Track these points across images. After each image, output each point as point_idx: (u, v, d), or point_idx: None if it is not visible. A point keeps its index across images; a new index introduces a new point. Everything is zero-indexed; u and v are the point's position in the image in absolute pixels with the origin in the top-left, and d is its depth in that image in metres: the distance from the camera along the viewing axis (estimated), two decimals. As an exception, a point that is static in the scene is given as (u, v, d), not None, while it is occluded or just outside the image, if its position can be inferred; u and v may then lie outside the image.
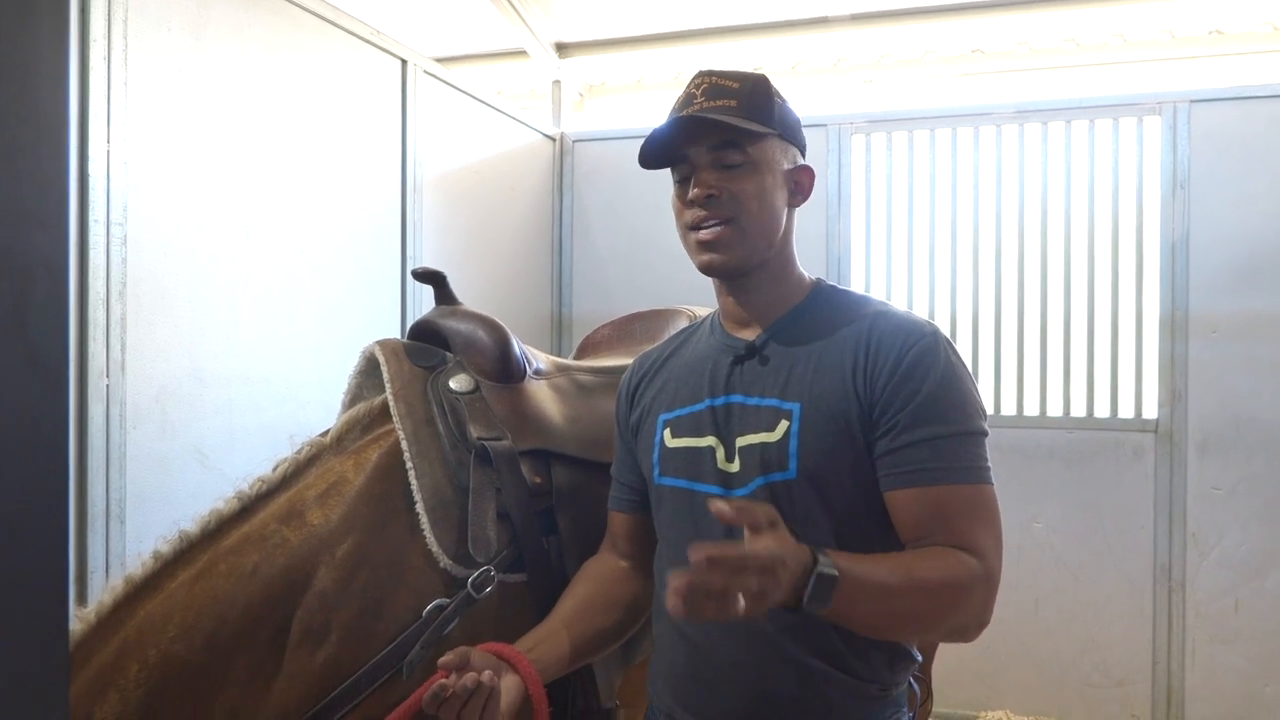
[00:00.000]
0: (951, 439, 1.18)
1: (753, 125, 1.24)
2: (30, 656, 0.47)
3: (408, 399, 1.47)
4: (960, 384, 1.22)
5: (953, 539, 1.16)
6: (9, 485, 0.45)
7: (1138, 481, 3.24)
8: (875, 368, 1.21)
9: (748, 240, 1.26)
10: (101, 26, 1.84)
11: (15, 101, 0.46)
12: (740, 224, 1.25)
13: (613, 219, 3.83)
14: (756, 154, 1.26)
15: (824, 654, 1.21)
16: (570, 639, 1.32)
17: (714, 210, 1.25)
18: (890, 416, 1.19)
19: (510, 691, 1.20)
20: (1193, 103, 3.21)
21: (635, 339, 1.96)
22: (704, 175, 1.25)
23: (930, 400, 1.19)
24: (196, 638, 1.21)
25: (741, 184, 1.25)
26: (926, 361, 1.20)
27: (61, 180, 0.49)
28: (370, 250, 2.67)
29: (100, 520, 1.84)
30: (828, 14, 3.71)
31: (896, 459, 1.19)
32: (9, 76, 0.46)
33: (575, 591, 1.41)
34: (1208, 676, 3.18)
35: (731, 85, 1.26)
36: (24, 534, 0.46)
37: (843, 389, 1.22)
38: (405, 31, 3.38)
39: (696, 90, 1.26)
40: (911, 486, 1.18)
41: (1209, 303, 3.17)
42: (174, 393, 2.00)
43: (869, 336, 1.24)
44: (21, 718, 0.45)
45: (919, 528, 1.18)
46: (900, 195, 3.53)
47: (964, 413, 1.20)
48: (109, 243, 1.85)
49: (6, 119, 0.45)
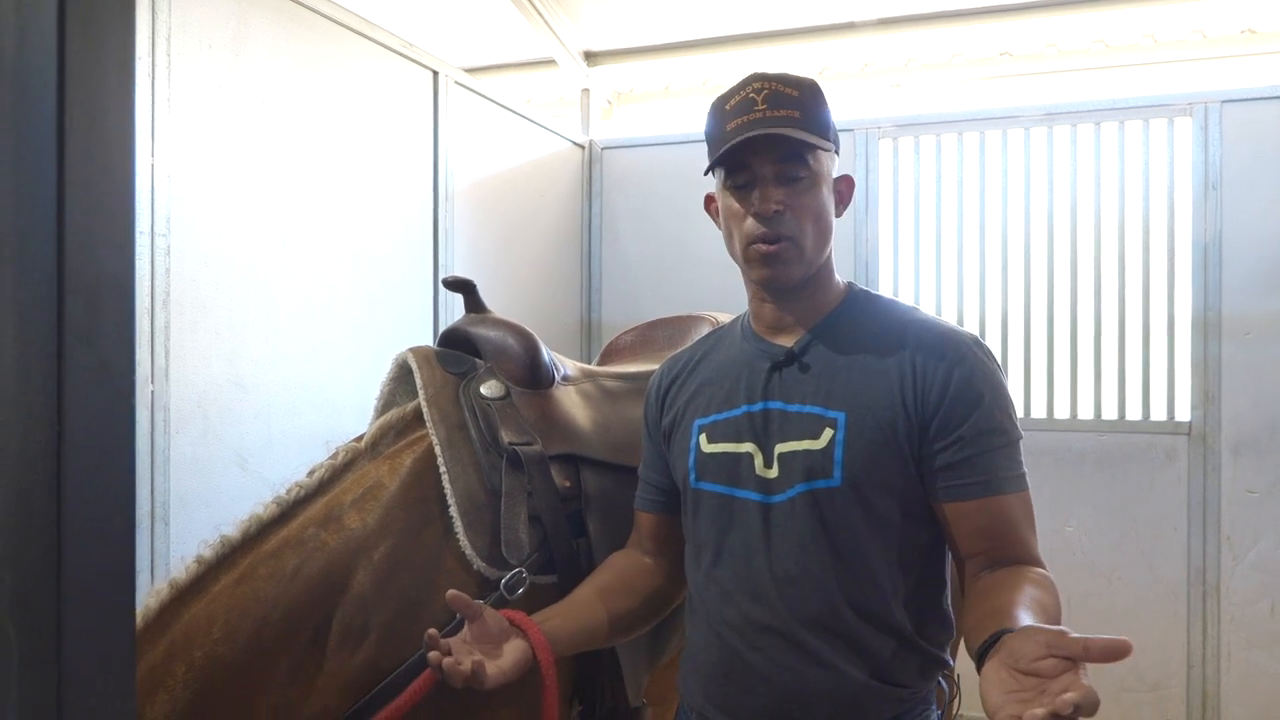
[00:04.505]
0: (1004, 449, 1.23)
1: (818, 140, 1.25)
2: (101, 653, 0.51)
3: (440, 405, 1.50)
4: (1005, 394, 1.26)
5: (1015, 551, 1.21)
6: (82, 487, 0.49)
7: (1171, 484, 3.21)
8: (925, 382, 1.23)
9: (805, 257, 1.28)
10: (146, 45, 1.90)
11: (85, 134, 0.49)
12: (799, 243, 1.26)
13: (641, 225, 3.86)
14: (816, 166, 1.27)
15: (860, 661, 1.23)
16: (583, 619, 1.35)
17: (778, 227, 1.25)
18: (950, 432, 1.22)
19: (515, 653, 1.23)
20: (1224, 103, 3.18)
21: (659, 345, 1.98)
22: (771, 190, 1.25)
23: (986, 415, 1.22)
24: (240, 639, 1.24)
25: (804, 200, 1.26)
26: (978, 376, 1.23)
27: (126, 203, 0.53)
28: (403, 258, 2.72)
29: (145, 522, 1.89)
30: (855, 19, 3.72)
31: (956, 472, 1.22)
32: (79, 108, 0.49)
33: (596, 578, 1.43)
34: (1244, 681, 3.14)
35: (792, 94, 1.26)
36: (96, 535, 0.50)
37: (889, 400, 1.23)
38: (436, 43, 3.43)
39: (757, 96, 1.25)
40: (972, 499, 1.21)
41: (1242, 304, 3.14)
42: (215, 399, 2.06)
43: (914, 349, 1.26)
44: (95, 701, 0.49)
45: (981, 539, 1.22)
46: (928, 199, 3.52)
47: (1011, 422, 1.25)
48: (153, 253, 1.91)
49: (78, 148, 0.49)
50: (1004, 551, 1.21)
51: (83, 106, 0.49)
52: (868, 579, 1.23)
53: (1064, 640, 0.88)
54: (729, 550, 1.29)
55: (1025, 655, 0.90)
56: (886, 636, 1.23)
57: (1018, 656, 0.91)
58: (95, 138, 0.50)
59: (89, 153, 0.50)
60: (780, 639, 1.24)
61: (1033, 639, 0.91)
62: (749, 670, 1.26)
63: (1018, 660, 0.91)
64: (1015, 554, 1.21)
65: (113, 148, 0.51)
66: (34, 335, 0.47)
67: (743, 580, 1.27)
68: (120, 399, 0.51)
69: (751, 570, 1.26)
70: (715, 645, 1.30)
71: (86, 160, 0.50)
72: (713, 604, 1.30)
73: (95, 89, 0.50)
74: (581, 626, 1.34)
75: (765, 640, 1.25)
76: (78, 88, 0.49)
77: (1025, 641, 0.92)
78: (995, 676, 0.93)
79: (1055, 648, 0.88)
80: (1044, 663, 0.88)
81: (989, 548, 1.22)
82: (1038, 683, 0.88)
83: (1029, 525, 1.23)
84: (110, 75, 0.51)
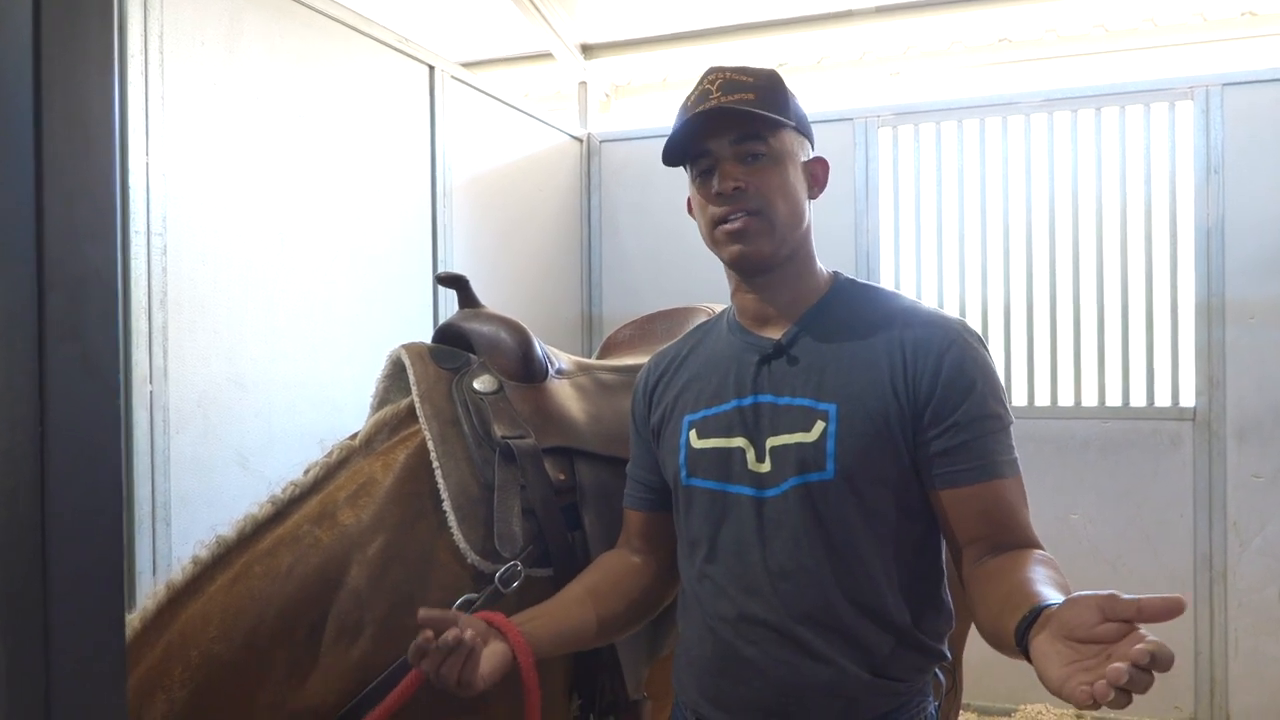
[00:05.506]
0: (997, 434, 1.22)
1: (773, 115, 1.25)
2: (90, 650, 0.50)
3: (433, 400, 1.50)
4: (995, 377, 1.26)
5: (1016, 535, 1.21)
6: (67, 485, 0.48)
7: (1176, 471, 3.20)
8: (916, 370, 1.22)
9: (776, 232, 1.26)
10: (138, 42, 1.89)
11: (65, 123, 0.48)
12: (767, 216, 1.25)
13: (640, 218, 3.85)
14: (777, 145, 1.27)
15: (856, 655, 1.22)
16: (569, 620, 1.33)
17: (741, 203, 1.25)
18: (943, 419, 1.21)
19: (494, 658, 1.21)
20: (1225, 86, 3.16)
21: (656, 338, 1.97)
22: (728, 168, 1.25)
23: (979, 399, 1.22)
24: (236, 637, 1.24)
25: (766, 176, 1.26)
26: (968, 361, 1.23)
27: (110, 195, 0.52)
28: (402, 254, 2.71)
29: (146, 523, 1.89)
30: (852, 7, 3.70)
31: (951, 459, 1.21)
32: (58, 100, 0.48)
33: (584, 579, 1.42)
34: (1251, 667, 3.14)
35: (746, 80, 1.27)
36: (82, 532, 0.49)
37: (879, 389, 1.23)
38: (432, 38, 3.42)
39: (711, 86, 1.26)
40: (967, 485, 1.21)
41: (1246, 288, 3.13)
42: (214, 398, 2.05)
43: (903, 337, 1.25)
44: (84, 702, 0.48)
45: (980, 524, 1.21)
46: (929, 188, 3.51)
47: (1002, 405, 1.24)
48: (149, 252, 1.90)
49: (57, 140, 0.48)
50: (1005, 536, 1.20)
51: (62, 97, 0.48)
52: (863, 572, 1.22)
53: (1118, 603, 0.86)
54: (722, 546, 1.28)
55: (1082, 624, 0.88)
56: (883, 630, 1.23)
57: (1073, 626, 0.89)
58: (76, 128, 0.49)
59: (70, 144, 0.49)
60: (775, 633, 1.23)
61: (1086, 606, 0.89)
62: (744, 664, 1.25)
63: (1073, 630, 0.89)
64: (1016, 538, 1.20)
65: (94, 139, 0.50)
66: (15, 332, 0.46)
67: (737, 575, 1.26)
68: (106, 395, 0.51)
69: (746, 565, 1.26)
70: (709, 640, 1.29)
71: (67, 151, 0.49)
72: (707, 599, 1.30)
73: (75, 79, 0.49)
74: (566, 628, 1.33)
75: (760, 634, 1.24)
76: (56, 78, 0.48)
77: (1078, 610, 0.89)
78: (1051, 649, 0.90)
79: (1111, 612, 0.86)
80: (1103, 628, 0.87)
81: (989, 533, 1.21)
82: (1100, 649, 0.86)
83: (1025, 509, 1.23)
84: (91, 65, 0.50)
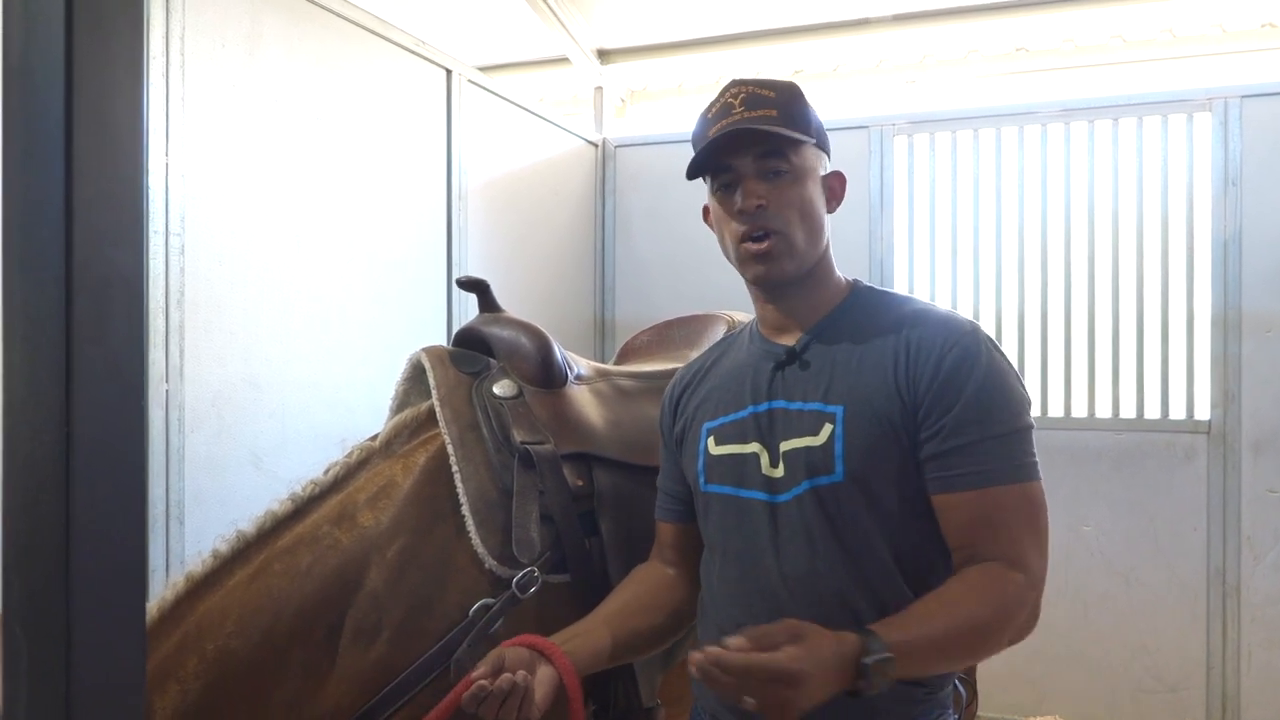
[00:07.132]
0: (997, 440, 1.19)
1: (796, 134, 1.26)
2: (110, 651, 0.51)
3: (453, 404, 1.50)
4: (1003, 381, 1.22)
5: (998, 548, 1.18)
6: (91, 487, 0.48)
7: (1189, 484, 3.18)
8: (917, 369, 1.22)
9: (797, 252, 1.28)
10: (160, 44, 1.91)
11: (93, 128, 0.49)
12: (789, 236, 1.27)
13: (655, 223, 3.85)
14: (799, 161, 1.28)
15: None
16: (608, 637, 1.34)
17: (763, 221, 1.26)
18: (936, 419, 1.20)
19: (545, 684, 1.22)
20: (1244, 98, 3.15)
21: (674, 344, 1.97)
22: (751, 185, 1.26)
23: (975, 402, 1.19)
24: (253, 634, 1.25)
25: (787, 193, 1.27)
26: (969, 362, 1.21)
27: (136, 200, 0.52)
28: (417, 257, 2.72)
29: (160, 521, 1.90)
30: (869, 15, 3.70)
31: (944, 463, 1.20)
32: (87, 105, 0.49)
33: (620, 594, 1.43)
34: (1263, 682, 3.11)
35: (768, 94, 1.27)
36: (105, 534, 0.50)
37: (885, 390, 1.22)
38: (450, 42, 3.43)
39: (734, 100, 1.28)
40: (959, 491, 1.19)
41: (1263, 301, 3.11)
42: (229, 398, 2.06)
43: (909, 337, 1.25)
44: (103, 702, 0.48)
45: (966, 533, 1.20)
46: (944, 196, 3.50)
47: (1008, 411, 1.21)
48: (168, 252, 1.91)
49: (85, 144, 0.49)
50: (982, 548, 1.18)
51: (91, 102, 0.48)
52: (878, 575, 1.22)
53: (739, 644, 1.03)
54: (737, 551, 1.29)
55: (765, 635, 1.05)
56: None
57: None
58: (104, 134, 0.49)
59: (98, 149, 0.49)
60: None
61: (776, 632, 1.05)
62: None
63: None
64: (994, 551, 1.17)
65: (122, 144, 0.50)
66: (41, 335, 0.47)
67: (752, 580, 1.27)
68: (130, 399, 0.51)
69: (760, 570, 1.26)
70: None
71: (95, 157, 0.49)
72: (723, 605, 1.30)
73: (104, 85, 0.49)
74: (604, 646, 1.33)
75: None
76: (86, 83, 0.48)
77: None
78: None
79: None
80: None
81: (969, 543, 1.19)
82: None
83: (1025, 521, 1.19)
84: (119, 70, 0.50)
